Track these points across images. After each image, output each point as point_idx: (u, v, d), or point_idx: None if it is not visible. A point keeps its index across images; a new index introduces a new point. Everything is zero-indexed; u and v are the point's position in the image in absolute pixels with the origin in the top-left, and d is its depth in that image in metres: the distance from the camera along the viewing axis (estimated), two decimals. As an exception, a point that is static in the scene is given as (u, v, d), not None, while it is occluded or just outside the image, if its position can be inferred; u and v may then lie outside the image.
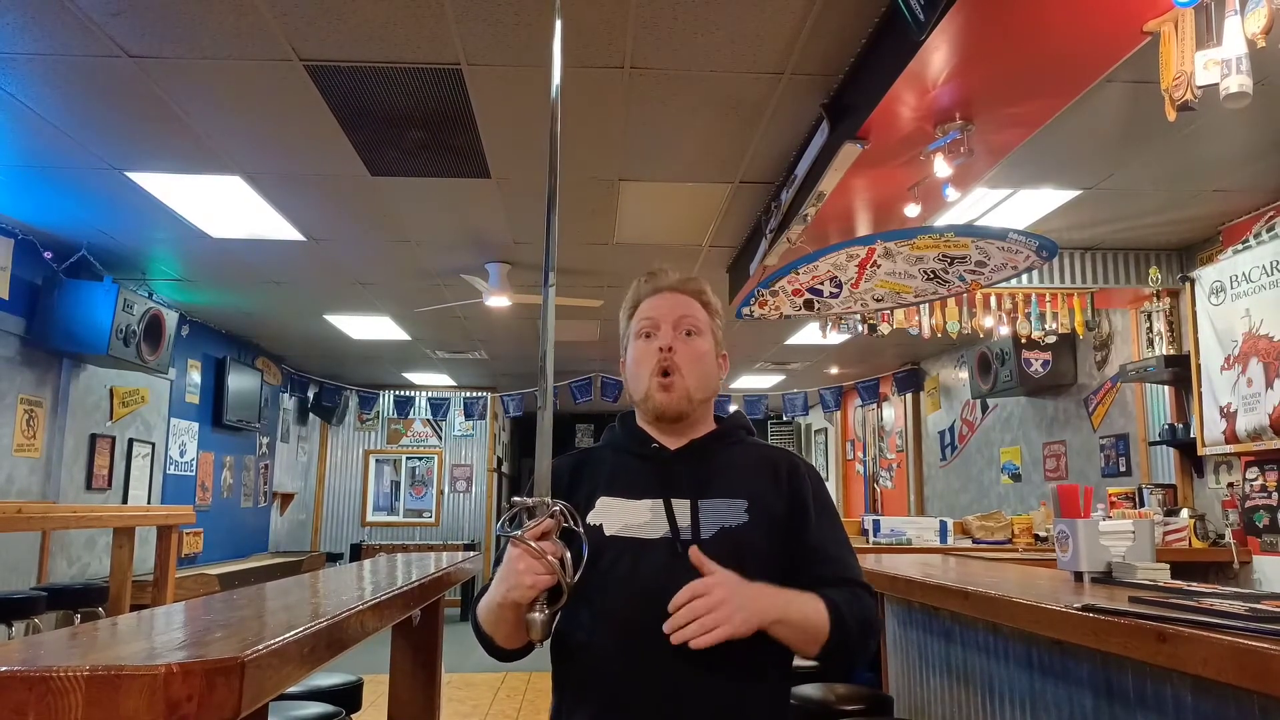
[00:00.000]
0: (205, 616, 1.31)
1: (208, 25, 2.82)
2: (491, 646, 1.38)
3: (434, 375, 9.87)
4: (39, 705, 0.85)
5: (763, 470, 1.44)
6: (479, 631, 1.38)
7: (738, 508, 1.37)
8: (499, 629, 1.33)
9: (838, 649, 1.29)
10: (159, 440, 6.56)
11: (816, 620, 1.28)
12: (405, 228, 4.82)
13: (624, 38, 2.89)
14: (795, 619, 1.27)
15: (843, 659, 1.32)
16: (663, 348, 1.42)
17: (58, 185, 4.20)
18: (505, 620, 1.30)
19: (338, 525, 10.35)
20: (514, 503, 1.28)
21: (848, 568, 1.40)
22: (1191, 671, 1.26)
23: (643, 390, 1.44)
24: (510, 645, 1.36)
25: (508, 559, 1.27)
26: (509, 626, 1.31)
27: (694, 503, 1.37)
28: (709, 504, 1.37)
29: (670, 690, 1.27)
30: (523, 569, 1.22)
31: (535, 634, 1.24)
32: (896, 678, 2.70)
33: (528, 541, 1.22)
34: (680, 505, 1.36)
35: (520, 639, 1.33)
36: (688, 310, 1.47)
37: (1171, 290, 5.04)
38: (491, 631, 1.35)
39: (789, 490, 1.42)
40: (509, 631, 1.32)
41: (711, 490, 1.39)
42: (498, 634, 1.34)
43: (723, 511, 1.36)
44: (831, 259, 3.69)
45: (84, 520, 4.21)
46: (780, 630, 1.26)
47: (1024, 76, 2.65)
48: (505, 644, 1.36)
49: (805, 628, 1.28)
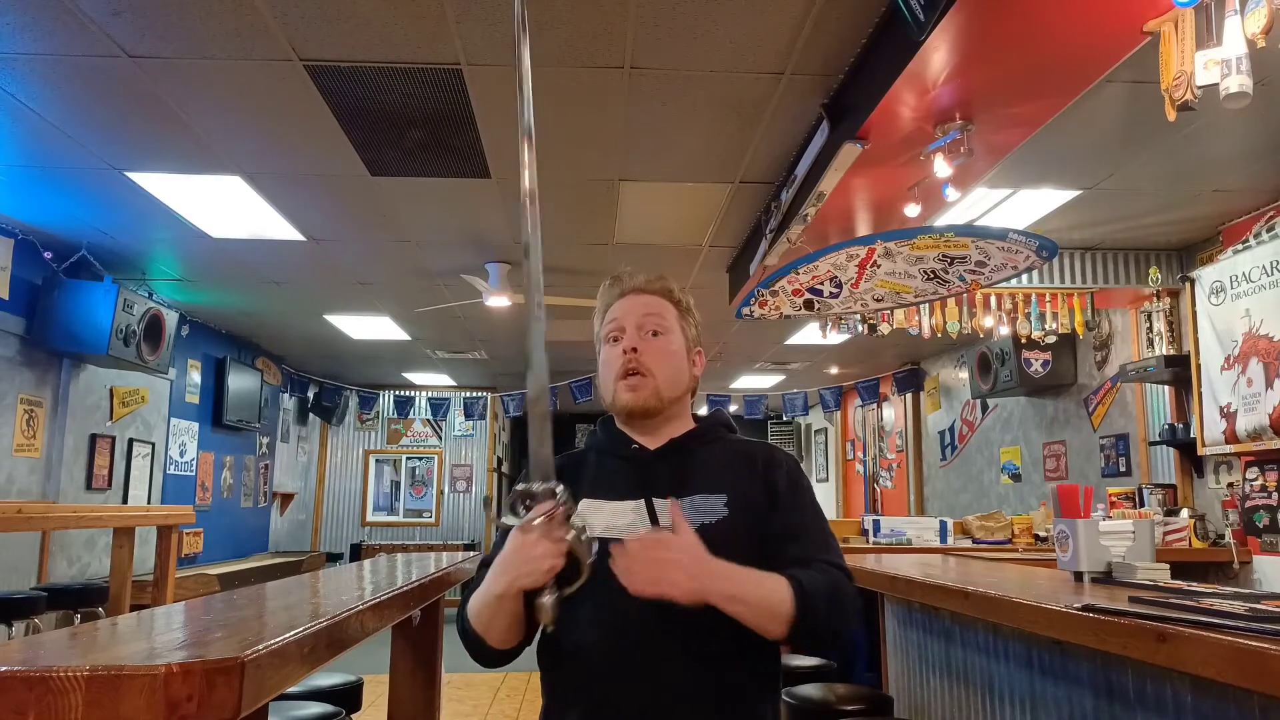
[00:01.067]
0: (205, 616, 1.31)
1: (208, 25, 2.82)
2: (481, 649, 1.34)
3: (434, 375, 9.87)
4: (39, 705, 0.85)
5: (741, 464, 1.44)
6: (467, 635, 1.35)
7: (718, 503, 1.37)
8: (494, 625, 1.31)
9: (805, 629, 1.25)
10: (159, 440, 6.56)
11: (776, 599, 1.25)
12: (405, 228, 4.82)
13: (624, 38, 2.89)
14: (752, 597, 1.24)
15: (811, 639, 1.28)
16: (626, 350, 1.42)
17: (58, 185, 4.20)
18: (504, 613, 1.28)
19: (338, 525, 10.35)
20: (517, 490, 1.28)
21: (820, 547, 1.36)
22: (1191, 671, 1.26)
23: (610, 393, 1.45)
24: (504, 644, 1.33)
25: (516, 545, 1.25)
26: (506, 620, 1.29)
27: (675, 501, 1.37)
28: (690, 501, 1.37)
29: (657, 690, 1.28)
30: (541, 552, 1.22)
31: (547, 618, 1.23)
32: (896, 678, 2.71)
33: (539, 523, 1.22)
34: (662, 505, 1.37)
35: (514, 637, 1.32)
36: (653, 309, 1.47)
37: (1171, 290, 5.04)
38: (484, 630, 1.32)
39: (764, 479, 1.41)
40: (505, 627, 1.30)
41: (692, 487, 1.39)
42: (491, 632, 1.31)
43: (703, 508, 1.36)
44: (831, 259, 3.69)
45: (84, 520, 4.21)
46: (737, 608, 1.23)
47: (1024, 76, 2.65)
48: (499, 643, 1.32)
49: (764, 607, 1.24)
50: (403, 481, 10.50)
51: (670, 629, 1.27)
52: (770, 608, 1.25)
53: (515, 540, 1.26)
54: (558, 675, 1.37)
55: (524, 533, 1.24)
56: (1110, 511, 4.82)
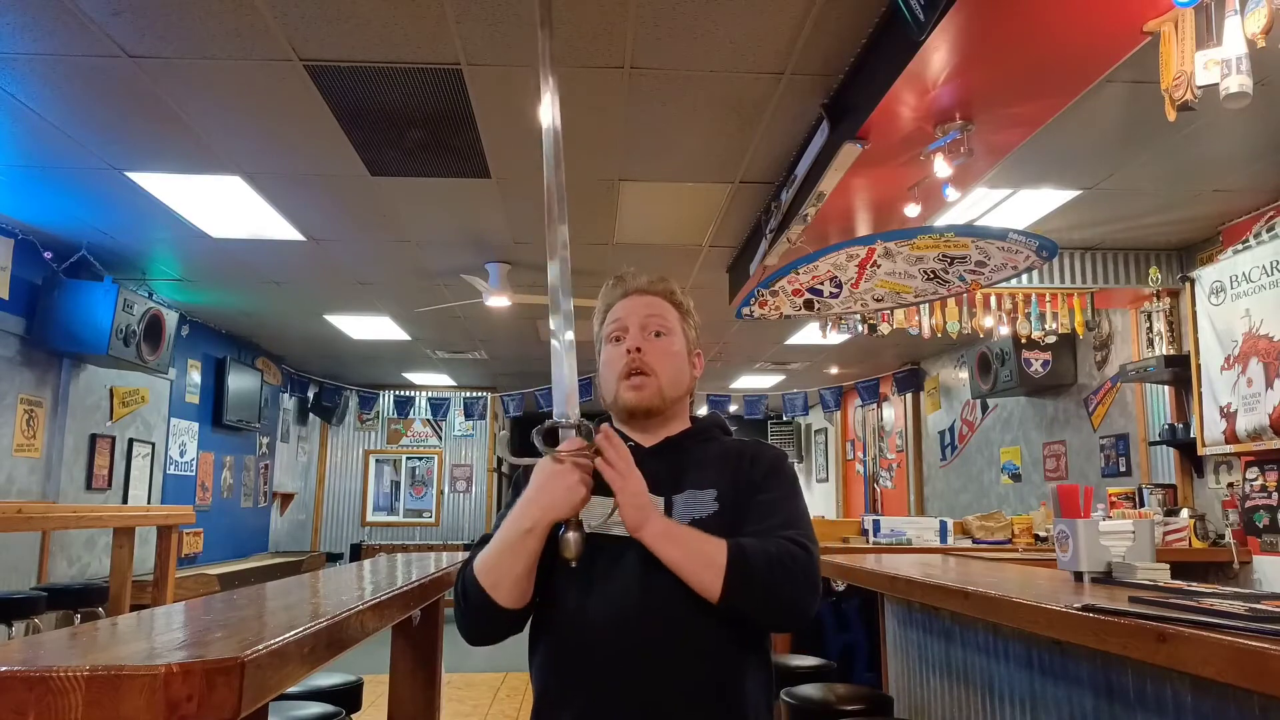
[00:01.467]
0: (205, 616, 1.31)
1: (208, 25, 2.82)
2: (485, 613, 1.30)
3: (434, 375, 9.87)
4: (39, 705, 0.85)
5: (731, 461, 1.45)
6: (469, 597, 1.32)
7: (708, 498, 1.38)
8: (509, 574, 1.28)
9: (741, 586, 1.24)
10: (159, 440, 6.56)
11: (710, 549, 1.26)
12: (405, 228, 4.82)
13: (624, 38, 2.89)
14: (684, 539, 1.27)
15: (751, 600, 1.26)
16: (630, 349, 1.43)
17: (58, 185, 4.20)
18: (525, 554, 1.27)
19: (338, 525, 10.36)
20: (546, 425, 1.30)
21: (782, 525, 1.34)
22: (1191, 671, 1.26)
23: (612, 392, 1.46)
24: (512, 601, 1.30)
25: (547, 474, 1.27)
26: (525, 564, 1.28)
27: (668, 498, 1.38)
28: (682, 498, 1.38)
29: (649, 684, 1.28)
30: (575, 480, 1.25)
31: (572, 552, 1.24)
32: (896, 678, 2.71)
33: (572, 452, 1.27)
34: (655, 501, 1.37)
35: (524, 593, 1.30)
36: (655, 310, 1.49)
37: (1171, 290, 5.04)
38: (494, 584, 1.29)
39: (749, 473, 1.43)
40: (521, 574, 1.28)
41: (684, 485, 1.40)
42: (502, 585, 1.29)
43: (694, 505, 1.37)
44: (831, 259, 3.69)
45: (84, 520, 4.21)
46: (669, 549, 1.26)
47: (1024, 76, 2.65)
48: (508, 599, 1.29)
49: (697, 553, 1.26)
50: (403, 481, 10.50)
51: (663, 625, 1.28)
52: (704, 555, 1.26)
53: (545, 470, 1.27)
54: (549, 673, 1.36)
55: (555, 462, 1.26)
56: (1110, 511, 4.82)
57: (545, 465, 1.28)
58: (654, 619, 1.28)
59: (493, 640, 1.36)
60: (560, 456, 1.27)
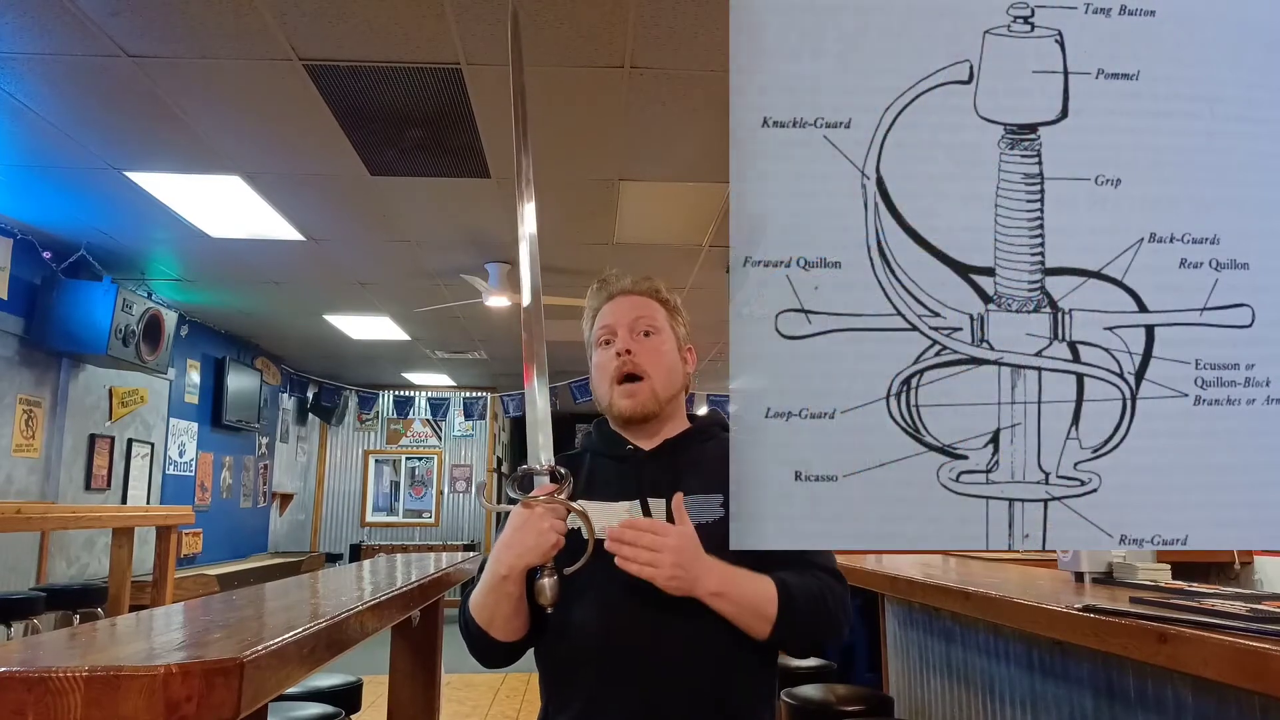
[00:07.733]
0: (204, 617, 1.31)
1: (207, 25, 2.82)
2: (485, 645, 1.33)
3: (434, 375, 9.86)
4: (38, 706, 0.85)
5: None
6: (470, 631, 1.35)
7: (714, 502, 1.36)
8: (498, 614, 1.30)
9: (787, 630, 1.27)
10: (158, 440, 6.56)
11: (761, 599, 1.26)
12: (405, 228, 4.82)
13: (624, 38, 2.89)
14: (736, 595, 1.26)
15: (794, 641, 1.30)
16: (620, 352, 1.43)
17: (57, 185, 4.19)
18: (507, 598, 1.28)
19: (337, 525, 10.35)
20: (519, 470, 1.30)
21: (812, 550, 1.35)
22: (1192, 672, 1.26)
23: (606, 398, 1.45)
24: (508, 636, 1.32)
25: (519, 523, 1.26)
26: (510, 606, 1.29)
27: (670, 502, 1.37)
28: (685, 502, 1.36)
29: (653, 690, 1.27)
30: (545, 527, 1.24)
31: (547, 598, 1.24)
32: (897, 678, 2.71)
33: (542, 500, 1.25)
34: (657, 504, 1.36)
35: (517, 628, 1.32)
36: (642, 311, 1.48)
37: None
38: (488, 623, 1.31)
39: None
40: (509, 614, 1.30)
41: (687, 488, 1.38)
42: (495, 623, 1.31)
43: (699, 508, 1.36)
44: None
45: (83, 520, 4.20)
46: (722, 605, 1.25)
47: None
48: (503, 634, 1.31)
49: (749, 606, 1.26)
50: (402, 482, 10.50)
51: (666, 633, 1.27)
52: (756, 608, 1.26)
53: (518, 518, 1.27)
54: (555, 678, 1.37)
55: (527, 509, 1.26)
56: (1110, 512, 4.81)
57: (519, 512, 1.27)
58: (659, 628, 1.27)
59: (502, 665, 1.37)
60: (530, 503, 1.26)
